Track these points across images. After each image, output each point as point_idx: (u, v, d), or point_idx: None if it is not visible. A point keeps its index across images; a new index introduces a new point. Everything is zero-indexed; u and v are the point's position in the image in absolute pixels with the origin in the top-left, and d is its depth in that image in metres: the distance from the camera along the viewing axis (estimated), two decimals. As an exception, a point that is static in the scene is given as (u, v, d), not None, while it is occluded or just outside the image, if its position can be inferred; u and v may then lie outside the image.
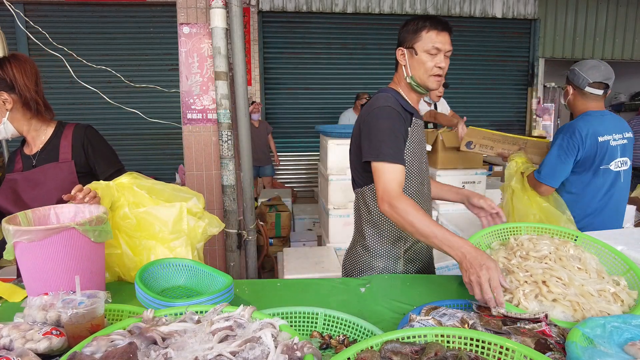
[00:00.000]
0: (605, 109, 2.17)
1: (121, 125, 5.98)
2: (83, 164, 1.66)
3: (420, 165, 1.63)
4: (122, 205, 1.51)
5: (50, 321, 1.07)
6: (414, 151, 1.59)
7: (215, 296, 1.22)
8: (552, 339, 1.01)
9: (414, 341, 0.90)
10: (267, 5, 6.18)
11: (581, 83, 2.11)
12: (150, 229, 1.51)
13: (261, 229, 3.63)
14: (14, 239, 1.21)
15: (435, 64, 1.52)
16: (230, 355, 0.83)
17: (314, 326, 1.17)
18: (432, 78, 1.54)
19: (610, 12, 6.84)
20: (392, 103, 1.53)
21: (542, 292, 1.11)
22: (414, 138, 1.59)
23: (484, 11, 6.55)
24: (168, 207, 1.53)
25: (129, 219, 1.50)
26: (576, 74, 2.13)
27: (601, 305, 1.08)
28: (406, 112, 1.58)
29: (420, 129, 1.65)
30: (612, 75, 2.09)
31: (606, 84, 2.08)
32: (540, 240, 1.32)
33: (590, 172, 2.09)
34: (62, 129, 1.67)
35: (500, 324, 1.08)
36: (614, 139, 2.09)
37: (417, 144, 1.61)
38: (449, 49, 1.54)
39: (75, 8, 5.78)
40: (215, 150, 2.67)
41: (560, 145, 2.09)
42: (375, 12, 6.39)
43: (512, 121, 7.13)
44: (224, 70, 2.43)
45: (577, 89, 2.14)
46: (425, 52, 1.52)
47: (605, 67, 2.09)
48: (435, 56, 1.52)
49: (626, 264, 1.26)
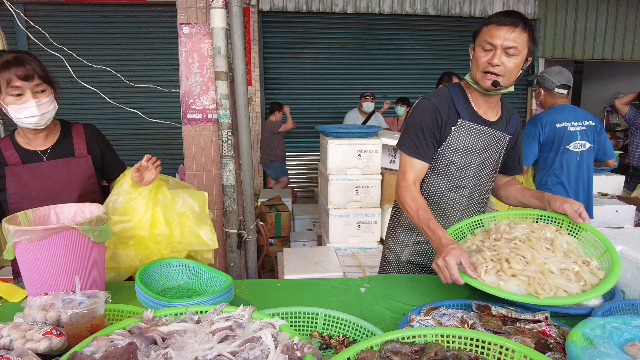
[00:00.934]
0: (567, 104, 2.79)
1: (121, 125, 5.97)
2: (98, 160, 1.70)
3: (464, 167, 1.57)
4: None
5: (50, 321, 1.07)
6: (455, 149, 1.55)
7: (215, 296, 1.22)
8: (552, 339, 1.01)
9: (414, 341, 0.90)
10: (267, 5, 6.18)
11: (551, 85, 2.73)
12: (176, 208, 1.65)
13: (261, 229, 3.63)
14: (14, 239, 1.21)
15: (488, 60, 1.42)
16: (230, 355, 0.83)
17: (314, 326, 1.17)
18: (482, 75, 1.45)
19: (610, 12, 6.84)
20: (435, 98, 1.55)
21: (503, 268, 1.18)
22: (458, 138, 1.54)
23: (484, 11, 6.55)
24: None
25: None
26: (546, 79, 2.75)
27: (558, 281, 1.13)
28: (454, 110, 1.54)
29: (471, 132, 1.55)
30: (572, 78, 2.76)
31: (569, 85, 2.74)
32: (518, 224, 1.36)
33: (553, 152, 2.71)
34: (69, 127, 1.69)
35: (500, 324, 1.08)
36: (572, 125, 2.70)
37: (461, 144, 1.55)
38: (511, 45, 1.39)
39: (75, 8, 5.78)
40: (215, 150, 2.67)
41: (526, 132, 2.73)
42: (375, 12, 6.39)
43: (512, 121, 7.13)
44: (224, 70, 2.43)
45: (547, 90, 2.77)
46: (480, 47, 1.45)
47: (567, 72, 2.74)
48: (490, 52, 1.42)
49: (604, 245, 1.27)
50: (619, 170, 4.01)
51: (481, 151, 1.57)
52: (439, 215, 1.64)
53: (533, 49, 1.47)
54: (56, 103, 1.55)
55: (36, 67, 1.46)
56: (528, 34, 1.41)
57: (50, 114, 1.53)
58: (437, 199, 1.63)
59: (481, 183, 1.63)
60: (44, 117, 1.50)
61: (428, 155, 1.54)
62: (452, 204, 1.63)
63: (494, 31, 1.40)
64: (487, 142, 1.57)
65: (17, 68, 1.42)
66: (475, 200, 1.66)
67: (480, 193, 1.66)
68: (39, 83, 1.46)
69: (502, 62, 1.41)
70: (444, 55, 6.61)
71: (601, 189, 3.55)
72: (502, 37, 1.39)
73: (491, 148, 1.59)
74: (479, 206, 1.69)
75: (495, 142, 1.59)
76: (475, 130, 1.55)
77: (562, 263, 1.18)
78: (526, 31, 1.41)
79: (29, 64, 1.44)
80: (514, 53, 1.40)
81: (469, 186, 1.61)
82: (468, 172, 1.58)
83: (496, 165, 1.66)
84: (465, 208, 1.65)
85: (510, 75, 1.44)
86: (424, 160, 1.53)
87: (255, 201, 2.93)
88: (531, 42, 1.44)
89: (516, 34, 1.39)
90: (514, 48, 1.39)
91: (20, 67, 1.42)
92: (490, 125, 1.57)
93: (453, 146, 1.55)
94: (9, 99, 1.44)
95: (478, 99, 1.56)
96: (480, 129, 1.55)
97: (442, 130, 1.54)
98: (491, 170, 1.64)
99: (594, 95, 8.25)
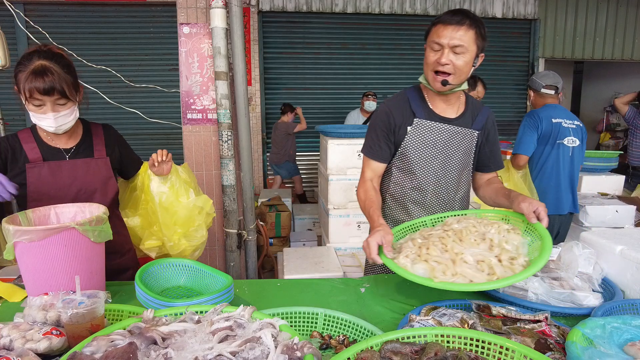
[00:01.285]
0: (558, 104, 2.98)
1: (121, 125, 5.91)
2: (116, 161, 1.73)
3: (426, 164, 1.61)
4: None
5: (50, 321, 1.07)
6: (416, 147, 1.59)
7: (215, 296, 1.22)
8: (552, 339, 1.01)
9: (414, 341, 0.90)
10: (267, 5, 6.18)
11: (537, 86, 2.97)
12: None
13: (261, 229, 3.62)
14: (14, 239, 1.21)
15: (437, 59, 1.45)
16: (230, 355, 0.83)
17: (314, 326, 1.17)
18: (433, 75, 1.49)
19: (610, 12, 6.83)
20: (390, 101, 1.64)
21: (421, 253, 1.27)
22: (416, 137, 1.59)
23: (484, 11, 6.54)
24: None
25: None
26: (534, 81, 3.00)
27: (464, 270, 1.18)
28: (409, 110, 1.59)
29: (429, 129, 1.59)
30: (560, 80, 2.96)
31: (556, 86, 2.94)
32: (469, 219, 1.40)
33: (549, 145, 2.86)
34: (89, 127, 1.72)
35: (500, 324, 1.08)
36: (565, 122, 2.88)
37: (419, 143, 1.59)
38: (457, 44, 1.42)
39: (75, 8, 5.78)
40: (215, 150, 2.67)
41: (526, 124, 2.87)
42: (375, 12, 6.38)
43: (512, 121, 7.12)
44: (224, 70, 2.43)
45: (536, 92, 2.99)
46: (430, 47, 1.49)
47: (554, 75, 2.97)
48: (438, 52, 1.45)
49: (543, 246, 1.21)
50: (619, 170, 4.01)
51: (443, 148, 1.60)
52: (405, 214, 1.68)
53: (483, 45, 1.50)
54: (78, 112, 1.57)
55: (58, 81, 1.44)
56: (475, 31, 1.44)
57: (68, 125, 1.54)
58: (402, 198, 1.68)
59: (448, 181, 1.64)
60: (61, 127, 1.52)
61: (381, 156, 1.63)
62: (417, 203, 1.66)
63: (441, 31, 1.44)
64: (448, 139, 1.60)
65: (40, 81, 1.41)
66: (443, 198, 1.66)
67: (448, 192, 1.66)
68: (59, 97, 1.47)
69: (451, 61, 1.44)
70: (444, 55, 6.62)
71: (601, 189, 3.55)
72: (448, 37, 1.42)
73: (455, 145, 1.61)
74: (448, 205, 1.69)
75: (459, 139, 1.61)
76: (432, 127, 1.59)
77: (479, 255, 1.21)
78: (472, 29, 1.43)
79: (52, 77, 1.43)
80: (462, 51, 1.44)
81: (433, 184, 1.63)
82: (430, 170, 1.62)
83: (465, 163, 1.65)
84: (431, 206, 1.66)
85: (461, 73, 1.47)
86: (378, 160, 1.64)
87: (255, 201, 2.93)
88: (479, 39, 1.46)
89: (462, 32, 1.42)
90: (460, 46, 1.43)
91: (42, 81, 1.41)
92: (450, 122, 1.60)
93: (412, 145, 1.60)
94: (31, 107, 1.47)
95: (434, 98, 1.61)
96: (439, 126, 1.59)
97: (396, 131, 1.61)
98: (458, 167, 1.64)
99: (594, 95, 8.24)
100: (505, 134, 6.96)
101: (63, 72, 1.46)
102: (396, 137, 1.62)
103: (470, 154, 1.66)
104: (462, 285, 1.12)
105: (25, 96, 1.43)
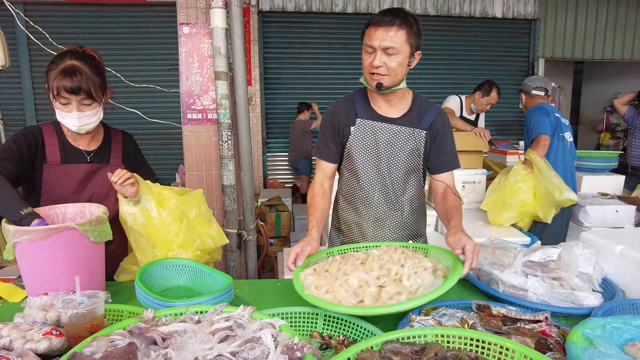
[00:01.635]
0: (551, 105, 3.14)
1: (121, 125, 5.91)
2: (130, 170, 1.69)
3: (371, 164, 1.61)
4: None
5: (50, 321, 1.07)
6: (358, 147, 1.61)
7: (215, 296, 1.22)
8: (552, 339, 1.01)
9: (414, 341, 0.90)
10: (267, 5, 6.18)
11: (528, 88, 3.23)
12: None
13: (261, 229, 3.62)
14: (14, 239, 1.21)
15: (370, 62, 1.45)
16: (230, 355, 0.83)
17: (314, 326, 1.17)
18: (369, 76, 1.49)
19: (610, 12, 6.83)
20: (337, 102, 1.69)
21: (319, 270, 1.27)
22: (358, 137, 1.61)
23: (484, 11, 6.54)
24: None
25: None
26: (526, 85, 3.27)
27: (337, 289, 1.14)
28: (353, 111, 1.62)
29: (370, 129, 1.59)
30: (549, 84, 3.23)
31: (545, 88, 3.18)
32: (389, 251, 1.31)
33: (555, 137, 2.98)
34: (110, 132, 1.73)
35: (500, 324, 1.08)
36: (562, 119, 3.08)
37: (362, 143, 1.60)
38: (388, 45, 1.40)
39: (75, 8, 5.77)
40: (215, 150, 2.67)
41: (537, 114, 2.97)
42: (375, 12, 6.35)
43: (511, 121, 7.12)
44: (224, 70, 2.42)
45: (527, 94, 3.25)
46: (364, 50, 1.48)
47: (543, 79, 3.30)
48: (372, 54, 1.45)
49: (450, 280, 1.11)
50: (619, 170, 4.01)
51: (386, 148, 1.60)
52: (356, 214, 1.70)
53: (418, 43, 1.47)
54: (102, 114, 1.59)
55: (86, 81, 1.47)
56: (406, 31, 1.42)
57: (91, 125, 1.56)
58: (352, 199, 1.70)
59: (394, 182, 1.63)
60: (84, 127, 1.54)
61: (329, 155, 1.66)
62: (365, 203, 1.67)
63: (372, 33, 1.43)
64: (391, 139, 1.59)
65: (68, 80, 1.45)
66: (390, 199, 1.64)
67: (395, 192, 1.64)
68: (85, 97, 1.49)
69: (384, 63, 1.43)
70: (443, 55, 6.61)
71: (601, 189, 3.55)
72: (379, 38, 1.41)
73: (399, 145, 1.59)
74: (397, 206, 1.65)
75: (403, 139, 1.59)
76: (374, 127, 1.60)
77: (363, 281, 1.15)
78: (403, 28, 1.41)
79: (80, 77, 1.46)
80: (394, 52, 1.42)
81: (379, 184, 1.63)
82: (374, 170, 1.62)
83: (412, 163, 1.61)
84: (379, 207, 1.65)
85: (396, 74, 1.46)
86: (326, 160, 1.67)
87: (255, 201, 2.93)
88: (412, 38, 1.44)
89: (392, 33, 1.40)
90: (391, 48, 1.41)
91: (70, 80, 1.45)
92: (392, 122, 1.59)
93: (355, 144, 1.62)
94: (57, 104, 1.49)
95: (377, 98, 1.61)
96: (380, 125, 1.59)
97: (341, 132, 1.64)
98: (405, 168, 1.61)
99: (594, 95, 8.24)
100: (505, 134, 6.97)
101: (91, 73, 1.50)
102: (341, 138, 1.64)
103: (419, 155, 1.61)
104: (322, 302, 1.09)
105: (53, 93, 1.46)
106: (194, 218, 1.62)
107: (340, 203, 1.77)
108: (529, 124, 3.00)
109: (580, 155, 3.55)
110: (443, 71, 6.65)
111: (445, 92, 3.96)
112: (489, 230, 2.82)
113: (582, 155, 3.58)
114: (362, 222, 1.69)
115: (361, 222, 1.69)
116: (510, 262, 1.43)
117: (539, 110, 2.99)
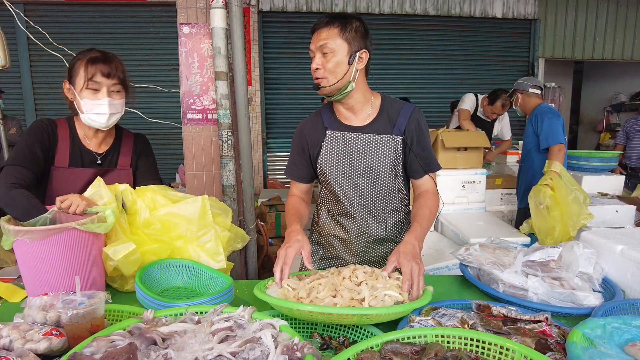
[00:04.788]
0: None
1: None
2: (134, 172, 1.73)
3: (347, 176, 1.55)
4: (140, 210, 1.46)
5: (50, 321, 1.07)
6: (330, 162, 1.55)
7: (216, 297, 1.22)
8: (552, 339, 1.01)
9: (414, 341, 0.90)
10: (267, 5, 6.18)
11: (525, 87, 3.28)
12: (176, 229, 1.48)
13: (261, 229, 3.62)
14: (15, 238, 1.21)
15: (312, 66, 1.44)
16: (230, 355, 0.83)
17: (314, 327, 1.17)
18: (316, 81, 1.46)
19: (610, 12, 6.83)
20: (306, 119, 1.64)
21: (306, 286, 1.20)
22: (330, 149, 1.55)
23: (484, 11, 6.54)
24: (190, 203, 1.48)
25: (153, 224, 1.47)
26: (521, 84, 3.31)
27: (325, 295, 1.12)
28: (322, 124, 1.57)
29: (340, 140, 1.53)
30: (541, 83, 3.30)
31: (540, 86, 3.27)
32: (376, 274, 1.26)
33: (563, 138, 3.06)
34: (121, 134, 1.72)
35: (500, 324, 1.08)
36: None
37: (334, 155, 1.54)
38: (321, 44, 1.39)
39: (75, 8, 5.78)
40: (215, 150, 2.67)
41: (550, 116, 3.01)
42: (375, 12, 6.38)
43: (511, 121, 7.09)
44: (224, 70, 2.42)
45: (524, 92, 3.29)
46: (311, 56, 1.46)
47: (535, 79, 3.34)
48: (313, 59, 1.44)
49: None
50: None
51: (359, 158, 1.52)
52: (341, 229, 1.64)
53: (359, 41, 1.42)
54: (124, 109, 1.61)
55: (119, 68, 1.53)
56: (339, 28, 1.39)
57: (117, 116, 1.58)
58: (334, 213, 1.64)
59: (374, 193, 1.56)
60: (112, 117, 1.55)
61: (299, 175, 1.64)
62: (348, 216, 1.61)
63: (313, 37, 1.44)
64: (362, 148, 1.52)
65: (103, 65, 1.49)
66: (372, 211, 1.59)
67: (376, 204, 1.58)
68: (116, 83, 1.52)
69: (322, 64, 1.41)
70: (443, 55, 6.61)
71: (601, 189, 3.55)
72: (315, 41, 1.43)
73: (372, 152, 1.51)
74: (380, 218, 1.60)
75: (376, 147, 1.51)
76: (342, 138, 1.53)
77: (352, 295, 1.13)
78: (336, 27, 1.39)
79: (113, 63, 1.52)
80: (328, 51, 1.39)
81: (357, 196, 1.56)
82: (350, 181, 1.55)
83: (393, 173, 1.54)
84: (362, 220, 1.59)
85: (335, 74, 1.40)
86: (297, 180, 1.65)
87: (255, 201, 2.92)
88: (348, 34, 1.40)
89: (325, 33, 1.40)
90: (324, 46, 1.39)
91: (105, 65, 1.50)
92: (359, 131, 1.52)
93: (327, 158, 1.56)
94: (86, 93, 1.50)
95: (338, 108, 1.56)
96: (348, 135, 1.53)
97: (311, 150, 1.59)
98: (384, 177, 1.54)
99: (594, 95, 8.24)
100: (505, 134, 6.96)
101: (120, 63, 1.55)
102: (312, 155, 1.59)
103: (397, 163, 1.53)
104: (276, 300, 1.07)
105: (85, 79, 1.48)
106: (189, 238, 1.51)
107: (323, 216, 1.69)
108: (540, 126, 3.01)
109: (580, 155, 3.55)
110: (443, 71, 6.65)
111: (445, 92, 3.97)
112: (489, 231, 2.82)
113: (582, 155, 3.58)
114: (346, 236, 1.64)
115: (344, 236, 1.64)
116: (511, 262, 1.43)
117: (551, 113, 3.00)
